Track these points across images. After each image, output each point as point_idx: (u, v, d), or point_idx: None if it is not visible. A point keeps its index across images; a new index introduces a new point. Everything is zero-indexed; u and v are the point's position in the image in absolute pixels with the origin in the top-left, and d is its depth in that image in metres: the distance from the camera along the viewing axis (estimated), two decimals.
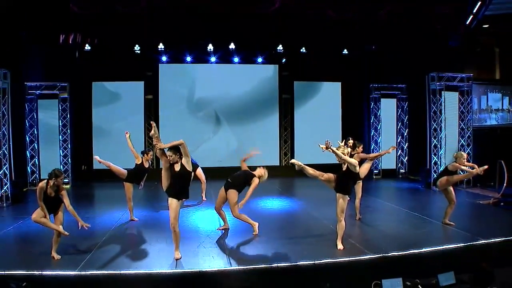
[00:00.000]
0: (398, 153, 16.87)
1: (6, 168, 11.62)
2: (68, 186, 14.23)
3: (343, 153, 6.83)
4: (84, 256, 6.65)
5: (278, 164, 17.50)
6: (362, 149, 8.90)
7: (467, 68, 14.74)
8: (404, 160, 16.94)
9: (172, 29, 14.49)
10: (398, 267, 6.54)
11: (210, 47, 16.00)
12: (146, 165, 9.33)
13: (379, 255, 6.64)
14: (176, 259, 6.50)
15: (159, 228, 8.53)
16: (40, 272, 5.96)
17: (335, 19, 13.97)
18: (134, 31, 14.51)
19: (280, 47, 16.23)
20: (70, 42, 14.63)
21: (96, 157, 9.26)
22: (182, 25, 14.20)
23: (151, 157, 9.45)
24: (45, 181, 6.55)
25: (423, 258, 6.81)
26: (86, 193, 13.71)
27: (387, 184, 15.24)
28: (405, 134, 16.92)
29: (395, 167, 16.95)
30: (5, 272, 5.93)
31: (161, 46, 15.75)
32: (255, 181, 7.95)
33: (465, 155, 8.48)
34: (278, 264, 6.30)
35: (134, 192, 9.36)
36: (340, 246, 6.99)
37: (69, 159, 14.76)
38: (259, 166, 8.12)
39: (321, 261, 6.37)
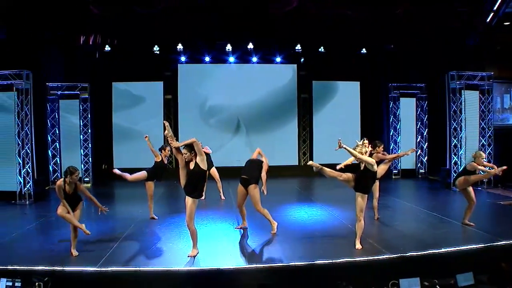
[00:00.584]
0: (418, 153, 16.65)
1: (29, 167, 11.87)
2: (89, 185, 14.46)
3: (361, 152, 6.82)
4: (104, 253, 6.77)
5: (297, 163, 17.45)
6: (382, 149, 8.86)
7: (488, 67, 14.46)
8: (424, 160, 16.75)
9: (190, 29, 14.60)
10: (416, 267, 6.49)
11: (229, 47, 16.08)
12: (166, 161, 9.43)
13: (397, 255, 6.60)
14: (190, 256, 6.59)
15: (178, 226, 8.62)
16: (62, 268, 6.08)
17: (353, 18, 13.90)
18: (153, 32, 14.67)
19: (298, 47, 16.21)
20: (91, 43, 14.86)
21: (115, 171, 9.06)
22: (201, 26, 14.28)
23: (169, 152, 9.44)
24: (62, 179, 6.73)
25: (441, 258, 6.74)
26: (106, 191, 13.89)
27: (407, 184, 15.11)
28: (425, 134, 16.72)
29: (414, 167, 16.75)
30: (28, 268, 6.07)
31: (180, 46, 15.85)
32: (265, 165, 8.10)
33: (483, 155, 8.39)
34: (296, 263, 6.31)
35: (154, 190, 9.45)
36: (358, 245, 6.98)
37: (90, 158, 14.94)
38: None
39: (339, 260, 6.37)
